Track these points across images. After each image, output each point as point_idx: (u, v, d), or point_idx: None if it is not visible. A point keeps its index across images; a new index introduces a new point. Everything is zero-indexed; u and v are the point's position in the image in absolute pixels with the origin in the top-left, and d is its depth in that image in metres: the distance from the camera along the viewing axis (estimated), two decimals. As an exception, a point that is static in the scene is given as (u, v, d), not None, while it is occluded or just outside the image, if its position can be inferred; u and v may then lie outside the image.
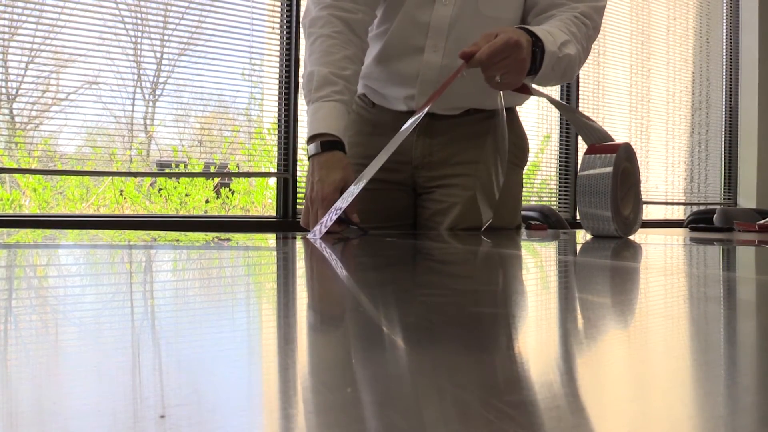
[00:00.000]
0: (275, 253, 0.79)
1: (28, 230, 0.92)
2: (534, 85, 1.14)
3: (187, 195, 2.85)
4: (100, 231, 0.75)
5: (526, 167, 1.34)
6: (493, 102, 1.20)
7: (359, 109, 1.24)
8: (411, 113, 1.17)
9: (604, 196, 0.95)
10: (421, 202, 1.24)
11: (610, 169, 0.95)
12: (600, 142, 1.05)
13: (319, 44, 1.06)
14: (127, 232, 0.70)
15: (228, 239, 0.89)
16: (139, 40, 2.61)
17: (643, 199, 1.11)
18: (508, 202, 1.27)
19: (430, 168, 1.20)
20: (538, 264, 0.73)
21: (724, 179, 4.48)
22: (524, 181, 1.38)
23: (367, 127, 1.23)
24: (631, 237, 1.03)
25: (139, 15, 2.60)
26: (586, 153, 0.99)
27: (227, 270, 0.58)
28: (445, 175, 1.19)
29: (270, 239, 0.98)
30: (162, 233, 1.03)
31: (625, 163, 1.00)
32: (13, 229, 0.91)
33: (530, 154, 1.34)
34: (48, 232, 0.84)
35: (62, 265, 0.58)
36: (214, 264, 0.63)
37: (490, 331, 0.31)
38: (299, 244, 0.90)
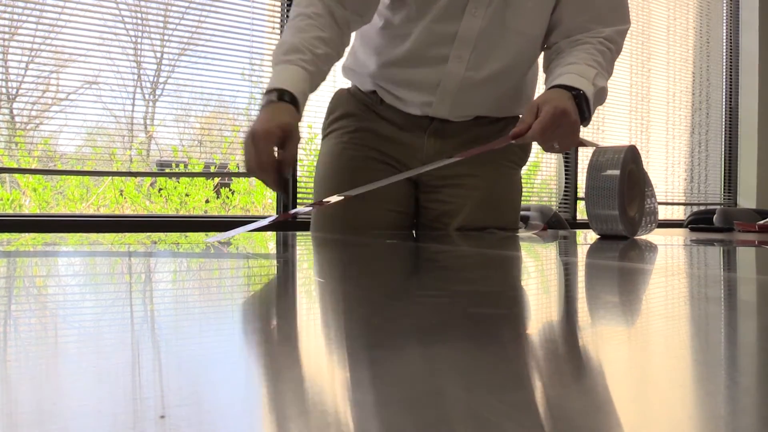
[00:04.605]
0: (275, 254, 0.79)
1: (28, 237, 0.92)
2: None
3: (187, 195, 2.85)
4: (100, 235, 0.75)
5: (525, 167, 1.34)
6: (505, 111, 1.21)
7: (365, 100, 1.22)
8: (425, 118, 1.17)
9: (612, 197, 0.96)
10: (426, 202, 1.22)
11: (617, 170, 0.96)
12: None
13: (297, 21, 1.05)
14: (128, 235, 0.70)
15: (228, 242, 0.89)
16: (139, 40, 2.61)
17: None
18: (512, 202, 1.27)
19: (440, 168, 1.19)
20: (540, 265, 0.73)
21: (724, 179, 4.48)
22: (524, 181, 1.38)
23: (373, 117, 1.21)
24: (631, 238, 1.03)
25: (139, 15, 2.60)
26: (593, 155, 1.00)
27: (227, 271, 0.58)
28: (455, 174, 1.18)
29: (270, 241, 0.98)
30: (162, 235, 1.03)
31: (631, 165, 1.01)
32: (13, 236, 0.92)
33: (530, 155, 1.34)
34: (48, 237, 0.84)
35: (61, 269, 0.58)
36: (213, 264, 0.63)
37: (490, 332, 0.31)
38: (299, 245, 0.90)
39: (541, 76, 1.20)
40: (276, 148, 0.93)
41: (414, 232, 1.21)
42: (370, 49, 1.17)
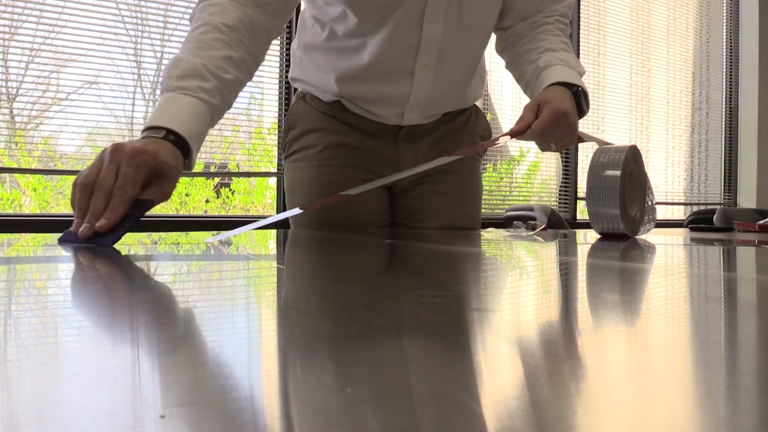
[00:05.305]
0: (275, 254, 0.79)
1: (28, 236, 0.92)
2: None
3: (187, 195, 2.85)
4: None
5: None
6: (469, 101, 1.21)
7: (327, 109, 1.14)
8: (396, 126, 1.13)
9: (613, 197, 0.96)
10: (399, 200, 1.19)
11: (618, 170, 0.97)
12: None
13: (201, 34, 0.84)
14: (127, 234, 0.70)
15: (228, 244, 0.89)
16: (139, 40, 2.61)
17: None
18: (480, 196, 1.27)
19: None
20: (540, 264, 0.73)
21: (724, 179, 4.49)
22: (524, 181, 1.39)
23: (340, 127, 1.14)
24: (632, 237, 1.03)
25: (139, 15, 2.60)
26: (594, 155, 1.00)
27: (227, 271, 0.58)
28: (428, 173, 1.16)
29: (270, 241, 0.98)
30: (162, 234, 1.03)
31: (632, 165, 1.01)
32: (13, 236, 0.92)
33: (530, 154, 1.34)
34: (48, 237, 0.84)
35: (61, 269, 0.58)
36: (211, 265, 0.63)
37: (489, 331, 0.31)
38: (299, 244, 0.90)
39: (495, 56, 1.20)
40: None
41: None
42: (322, 61, 1.11)
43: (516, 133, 0.96)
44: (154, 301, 0.39)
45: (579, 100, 1.01)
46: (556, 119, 0.94)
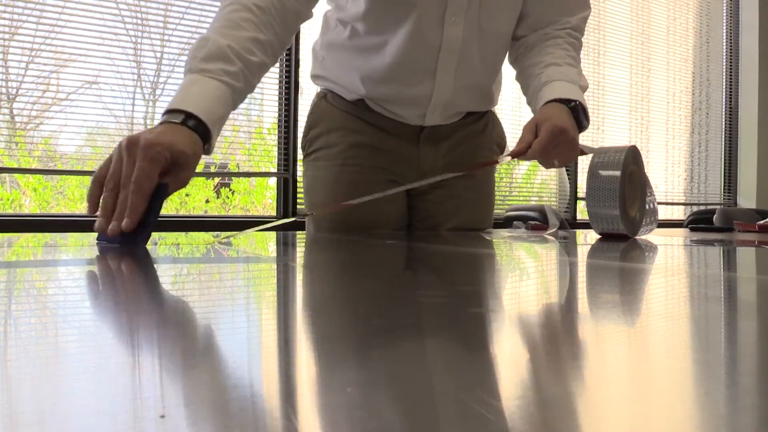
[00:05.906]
0: (275, 254, 0.79)
1: (29, 236, 0.92)
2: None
3: (187, 195, 2.85)
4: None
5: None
6: (487, 104, 1.21)
7: (349, 108, 1.15)
8: (418, 127, 1.14)
9: (613, 198, 0.96)
10: (416, 203, 1.20)
11: (618, 171, 0.97)
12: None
13: (230, 12, 0.84)
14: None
15: (229, 245, 0.89)
16: (139, 40, 2.61)
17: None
18: (493, 201, 1.28)
19: (437, 173, 1.14)
20: (540, 265, 0.73)
21: (724, 179, 4.49)
22: (524, 181, 1.39)
23: (363, 127, 1.14)
24: (632, 238, 1.03)
25: (139, 15, 2.60)
26: (594, 155, 1.00)
27: (227, 272, 0.58)
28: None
29: (270, 241, 0.98)
30: (162, 234, 1.03)
31: (632, 166, 1.01)
32: (14, 235, 0.91)
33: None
34: (48, 236, 0.84)
35: (61, 269, 0.58)
36: (213, 265, 0.63)
37: (489, 331, 0.31)
38: (299, 246, 0.90)
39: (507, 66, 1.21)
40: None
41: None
42: (345, 60, 1.11)
43: (517, 154, 0.97)
44: (155, 302, 0.39)
45: (577, 114, 1.01)
46: (555, 136, 0.95)
